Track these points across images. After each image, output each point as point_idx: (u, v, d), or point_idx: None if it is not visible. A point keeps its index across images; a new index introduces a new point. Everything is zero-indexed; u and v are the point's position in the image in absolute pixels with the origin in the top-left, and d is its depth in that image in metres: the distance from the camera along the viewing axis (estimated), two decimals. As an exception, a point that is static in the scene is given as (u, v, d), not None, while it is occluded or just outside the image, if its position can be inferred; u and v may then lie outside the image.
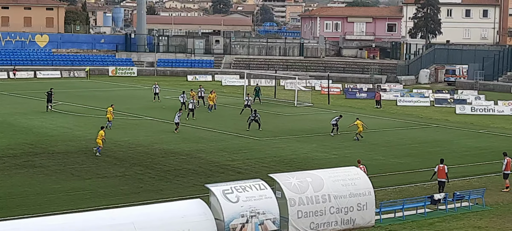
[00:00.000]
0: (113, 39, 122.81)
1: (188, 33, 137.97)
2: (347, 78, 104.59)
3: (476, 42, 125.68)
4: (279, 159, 42.75)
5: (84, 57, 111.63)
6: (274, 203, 26.85)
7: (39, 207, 30.58)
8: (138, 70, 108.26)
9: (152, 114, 61.32)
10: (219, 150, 45.27)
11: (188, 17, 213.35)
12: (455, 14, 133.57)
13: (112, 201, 31.60)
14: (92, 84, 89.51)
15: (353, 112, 67.27)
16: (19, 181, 35.57)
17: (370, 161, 42.32)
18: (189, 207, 25.88)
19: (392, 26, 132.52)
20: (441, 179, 34.41)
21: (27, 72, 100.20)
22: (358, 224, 28.83)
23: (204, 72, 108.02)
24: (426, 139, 52.44)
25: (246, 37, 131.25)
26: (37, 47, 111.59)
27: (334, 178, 29.02)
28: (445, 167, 34.56)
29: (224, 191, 26.21)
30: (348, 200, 28.56)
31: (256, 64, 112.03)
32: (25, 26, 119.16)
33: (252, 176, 35.39)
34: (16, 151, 43.10)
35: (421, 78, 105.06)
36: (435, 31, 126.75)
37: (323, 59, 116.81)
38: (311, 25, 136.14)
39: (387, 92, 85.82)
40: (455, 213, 31.56)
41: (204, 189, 27.95)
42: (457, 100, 76.61)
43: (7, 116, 58.34)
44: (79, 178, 36.52)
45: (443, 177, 34.35)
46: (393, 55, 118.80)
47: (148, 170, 38.73)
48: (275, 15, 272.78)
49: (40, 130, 51.64)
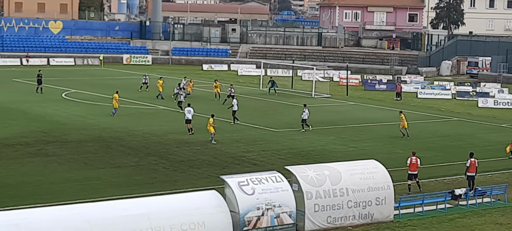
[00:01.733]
0: (127, 27, 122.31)
1: (204, 21, 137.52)
2: (366, 69, 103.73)
3: (499, 33, 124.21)
4: (295, 151, 42.13)
5: (98, 44, 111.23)
6: (291, 196, 26.36)
7: (52, 196, 30.21)
8: (153, 59, 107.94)
9: (166, 103, 60.79)
10: (234, 140, 44.70)
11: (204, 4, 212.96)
12: (479, 5, 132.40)
13: (126, 191, 31.16)
14: (106, 72, 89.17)
15: (372, 105, 66.62)
16: (32, 170, 35.22)
17: (389, 154, 41.74)
18: (204, 198, 25.50)
19: (414, 16, 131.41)
20: (471, 173, 33.76)
21: (40, 59, 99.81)
22: (376, 218, 28.32)
23: (220, 62, 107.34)
24: (447, 132, 51.65)
25: (263, 26, 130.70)
26: (50, 33, 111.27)
27: (352, 171, 28.60)
28: (476, 161, 33.95)
29: (240, 183, 25.75)
30: (366, 194, 28.09)
31: (273, 54, 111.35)
32: (38, 12, 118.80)
33: (268, 168, 34.78)
34: (29, 139, 42.72)
35: (443, 70, 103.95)
36: (458, 22, 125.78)
37: (342, 50, 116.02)
38: (330, 15, 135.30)
39: (408, 84, 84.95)
40: (476, 209, 31.04)
41: (219, 180, 27.41)
42: (480, 93, 75.66)
43: (20, 103, 58.03)
44: (92, 167, 36.10)
45: (473, 171, 33.70)
46: (414, 46, 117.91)
47: (162, 160, 38.23)
48: (293, 4, 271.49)
49: (53, 118, 51.29)
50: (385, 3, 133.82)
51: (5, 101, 58.93)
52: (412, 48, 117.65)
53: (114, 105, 52.56)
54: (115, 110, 52.32)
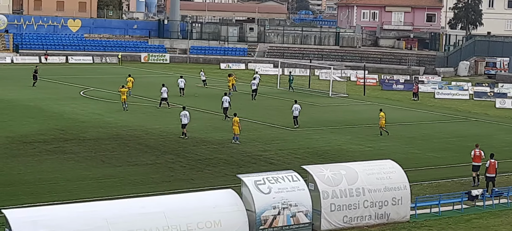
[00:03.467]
0: (146, 25, 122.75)
1: (222, 20, 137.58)
2: (384, 69, 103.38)
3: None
4: (312, 150, 42.10)
5: (117, 43, 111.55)
6: (307, 195, 26.35)
7: (69, 194, 30.40)
8: (171, 57, 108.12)
9: (183, 102, 60.84)
10: (251, 139, 44.71)
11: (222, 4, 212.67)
12: (497, 5, 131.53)
13: (143, 189, 31.32)
14: (124, 71, 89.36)
15: (389, 104, 66.45)
16: (49, 167, 35.40)
17: (406, 154, 41.62)
18: (220, 197, 25.55)
19: (431, 16, 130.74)
20: (491, 174, 33.63)
21: (59, 57, 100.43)
22: (393, 218, 28.26)
23: (238, 61, 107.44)
24: (464, 133, 51.45)
25: (281, 25, 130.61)
26: (69, 32, 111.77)
27: (368, 171, 28.55)
28: (496, 162, 33.82)
29: (256, 182, 25.78)
30: (382, 194, 28.05)
31: (290, 53, 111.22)
32: (57, 10, 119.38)
33: (284, 167, 34.83)
34: (47, 137, 42.96)
35: (460, 71, 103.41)
36: (476, 22, 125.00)
37: (360, 49, 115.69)
38: (348, 14, 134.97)
39: (425, 84, 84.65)
40: (493, 209, 30.91)
41: (236, 179, 27.46)
42: (497, 94, 75.26)
43: (38, 101, 58.37)
44: (109, 165, 36.24)
45: (492, 173, 33.55)
46: (431, 46, 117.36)
47: (179, 159, 38.32)
48: (311, 3, 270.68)
49: (71, 115, 51.53)
50: (403, 3, 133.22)
51: (24, 99, 59.30)
52: (429, 48, 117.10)
53: (124, 99, 53.44)
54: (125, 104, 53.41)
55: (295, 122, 50.01)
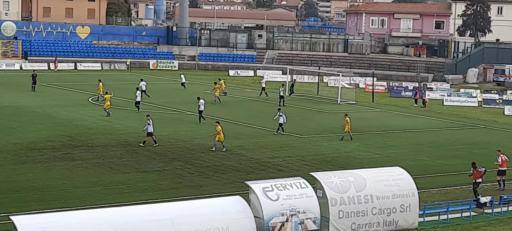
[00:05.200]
0: (154, 32, 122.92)
1: (231, 27, 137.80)
2: (392, 76, 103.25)
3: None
4: (320, 157, 42.07)
5: (125, 49, 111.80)
6: (315, 202, 26.32)
7: (78, 200, 30.43)
8: (179, 64, 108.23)
9: (192, 108, 60.93)
10: (259, 146, 44.72)
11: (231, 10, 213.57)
12: (506, 12, 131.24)
13: (151, 196, 31.35)
14: (133, 77, 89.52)
15: (398, 111, 66.39)
16: (58, 174, 35.48)
17: (414, 161, 41.53)
18: (228, 204, 25.54)
19: (440, 23, 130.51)
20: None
21: (68, 64, 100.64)
22: (401, 226, 28.21)
23: (246, 67, 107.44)
24: (473, 140, 51.33)
25: (290, 32, 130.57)
26: (78, 38, 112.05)
27: (377, 178, 28.47)
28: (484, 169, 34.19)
29: (264, 189, 25.76)
30: (391, 201, 27.97)
31: (299, 60, 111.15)
32: (66, 17, 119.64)
33: (292, 174, 34.80)
34: (56, 143, 43.06)
35: (469, 78, 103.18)
36: (485, 29, 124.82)
37: (368, 56, 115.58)
38: (357, 21, 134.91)
39: (434, 91, 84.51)
40: (502, 217, 30.83)
41: (244, 186, 27.46)
42: (506, 101, 75.06)
43: (47, 108, 58.53)
44: (118, 172, 36.29)
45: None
46: (440, 53, 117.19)
47: (188, 165, 38.34)
48: (319, 10, 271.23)
49: (79, 122, 51.65)
50: (411, 10, 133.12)
51: (32, 106, 59.46)
52: (438, 55, 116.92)
53: (107, 106, 53.76)
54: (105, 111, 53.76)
55: (280, 128, 49.45)
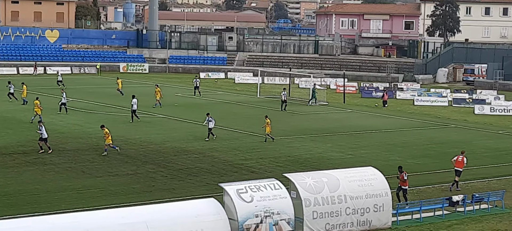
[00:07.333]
0: (124, 35, 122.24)
1: (201, 29, 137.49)
2: (363, 77, 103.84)
3: (495, 41, 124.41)
4: (293, 159, 42.10)
5: (95, 53, 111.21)
6: (289, 203, 26.33)
7: (50, 205, 30.17)
8: (150, 67, 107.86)
9: (163, 112, 60.80)
10: (232, 148, 44.66)
11: (201, 13, 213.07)
12: (475, 12, 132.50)
13: (124, 200, 31.12)
14: (103, 81, 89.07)
15: (369, 112, 66.67)
16: (30, 178, 35.15)
17: (387, 161, 41.69)
18: (202, 206, 25.45)
19: (410, 23, 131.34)
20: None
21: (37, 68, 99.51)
22: (375, 225, 28.31)
23: (217, 70, 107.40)
24: (444, 139, 51.67)
25: (260, 34, 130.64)
26: (47, 42, 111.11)
27: (350, 178, 28.53)
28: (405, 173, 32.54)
29: (238, 191, 25.72)
30: (364, 201, 28.06)
31: (270, 62, 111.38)
32: (35, 21, 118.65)
33: (266, 176, 34.82)
34: (26, 148, 42.68)
35: (439, 78, 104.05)
36: (454, 30, 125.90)
37: (339, 57, 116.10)
38: (326, 22, 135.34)
39: (404, 91, 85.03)
40: (474, 215, 31.00)
41: (217, 188, 27.40)
42: (476, 101, 75.77)
43: (16, 112, 58.01)
44: (90, 176, 36.04)
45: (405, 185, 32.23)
46: (410, 53, 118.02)
47: (160, 169, 38.19)
48: (289, 12, 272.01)
49: (50, 126, 51.02)
50: (381, 11, 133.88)
51: (1, 111, 58.86)
52: (408, 55, 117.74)
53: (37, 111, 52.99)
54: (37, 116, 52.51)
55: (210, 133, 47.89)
